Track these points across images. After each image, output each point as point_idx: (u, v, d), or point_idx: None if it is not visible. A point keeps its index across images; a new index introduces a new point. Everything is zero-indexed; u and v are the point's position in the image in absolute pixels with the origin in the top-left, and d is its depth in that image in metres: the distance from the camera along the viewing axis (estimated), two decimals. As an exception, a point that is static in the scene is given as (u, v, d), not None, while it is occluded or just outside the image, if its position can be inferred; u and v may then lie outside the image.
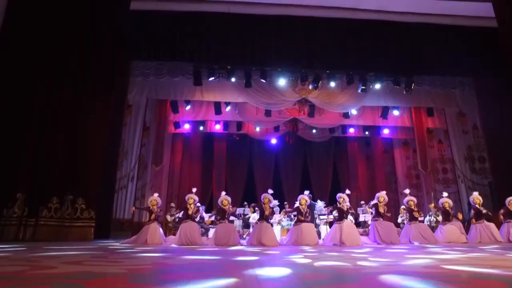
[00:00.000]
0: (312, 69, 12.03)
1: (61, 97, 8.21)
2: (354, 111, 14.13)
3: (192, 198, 8.35)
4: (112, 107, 8.96)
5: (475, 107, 12.90)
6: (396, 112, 14.40)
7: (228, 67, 12.03)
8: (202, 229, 11.05)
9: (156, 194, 9.07)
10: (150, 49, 11.18)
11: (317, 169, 18.67)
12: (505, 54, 10.40)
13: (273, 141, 17.21)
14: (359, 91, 12.32)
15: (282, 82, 12.25)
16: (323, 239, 8.97)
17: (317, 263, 3.66)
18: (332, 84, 12.42)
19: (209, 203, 15.90)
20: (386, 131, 16.12)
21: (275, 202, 12.54)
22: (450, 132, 13.95)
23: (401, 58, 11.90)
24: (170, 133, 15.89)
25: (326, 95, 13.09)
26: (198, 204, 8.97)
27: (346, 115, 14.02)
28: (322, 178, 18.53)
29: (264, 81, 12.13)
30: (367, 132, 16.17)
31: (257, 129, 15.51)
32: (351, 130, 15.93)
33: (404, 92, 12.64)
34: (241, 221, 12.58)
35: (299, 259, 4.22)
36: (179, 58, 11.55)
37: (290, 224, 11.72)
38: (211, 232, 9.63)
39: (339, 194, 8.76)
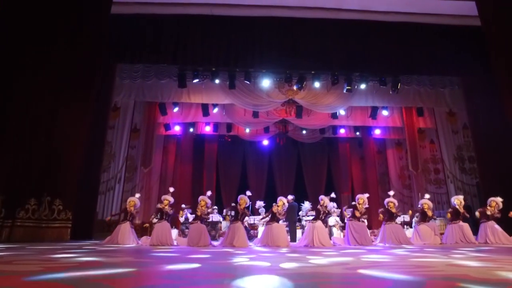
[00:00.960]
0: (296, 70, 12.04)
1: (39, 99, 8.32)
2: (342, 112, 14.08)
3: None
4: (91, 109, 9.04)
5: (464, 106, 12.76)
6: (385, 112, 14.31)
7: (213, 69, 12.09)
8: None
9: (137, 195, 9.16)
10: (134, 52, 11.29)
11: (311, 170, 18.64)
12: (489, 52, 10.33)
13: (265, 142, 17.24)
14: (345, 91, 12.28)
15: (266, 83, 12.28)
16: (299, 240, 8.96)
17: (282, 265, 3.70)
18: (317, 84, 12.40)
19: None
20: (377, 132, 16.04)
21: (261, 203, 12.59)
22: (440, 132, 13.82)
23: (386, 58, 11.85)
24: (162, 135, 16.02)
25: (312, 95, 13.07)
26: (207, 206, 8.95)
27: (334, 116, 13.97)
28: (316, 179, 18.49)
29: (248, 82, 12.15)
30: (358, 133, 16.09)
31: (247, 130, 15.54)
32: (342, 130, 15.88)
33: (391, 92, 12.60)
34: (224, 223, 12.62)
35: (237, 259, 4.25)
36: (163, 60, 11.68)
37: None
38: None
39: (321, 196, 8.75)
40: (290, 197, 10.92)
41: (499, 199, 8.93)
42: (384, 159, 17.31)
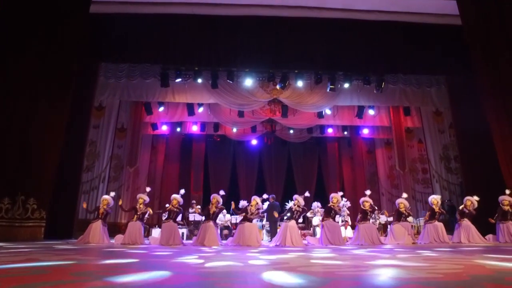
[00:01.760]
0: (279, 69, 12.01)
1: (15, 97, 8.32)
2: (328, 111, 14.03)
3: (176, 199, 8.36)
4: (68, 108, 9.04)
5: (449, 105, 12.70)
6: (371, 112, 14.26)
7: (196, 68, 12.08)
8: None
9: (112, 193, 9.17)
10: (116, 51, 11.29)
11: (301, 170, 18.61)
12: (469, 51, 10.28)
13: (254, 142, 17.22)
14: (328, 90, 12.24)
15: (249, 82, 12.26)
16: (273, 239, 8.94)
17: (208, 264, 3.69)
18: (300, 83, 12.37)
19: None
20: (365, 131, 16.00)
21: (244, 203, 12.57)
22: (426, 131, 13.76)
23: (370, 57, 11.80)
24: (150, 134, 16.04)
25: (297, 95, 13.03)
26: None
27: (320, 115, 13.93)
28: (307, 178, 18.46)
29: (231, 81, 12.13)
30: (345, 132, 16.05)
31: (234, 130, 15.52)
32: (330, 130, 15.83)
33: (375, 91, 12.55)
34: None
35: (191, 259, 4.23)
36: (146, 60, 11.69)
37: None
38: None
39: (295, 196, 8.73)
40: (269, 196, 10.93)
41: (474, 198, 8.88)
42: (374, 159, 17.27)
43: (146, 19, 11.24)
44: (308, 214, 12.26)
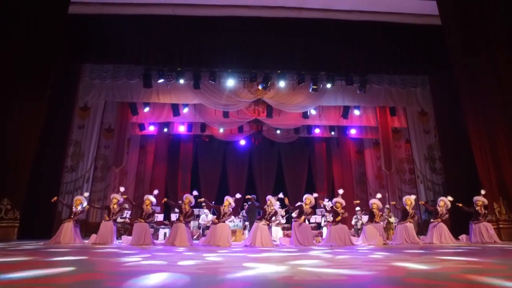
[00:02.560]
0: (261, 70, 12.03)
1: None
2: (313, 111, 14.03)
3: (149, 199, 8.40)
4: (45, 108, 9.12)
5: (432, 105, 12.64)
6: (356, 112, 14.23)
7: (178, 69, 12.13)
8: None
9: (86, 194, 9.23)
10: (98, 52, 11.40)
11: (291, 170, 18.60)
12: (449, 51, 10.24)
13: (242, 142, 17.26)
14: (310, 90, 12.24)
15: (231, 83, 12.30)
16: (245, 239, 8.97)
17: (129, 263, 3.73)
18: (282, 84, 12.40)
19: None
20: (353, 131, 15.97)
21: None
22: (411, 132, 13.69)
23: (352, 57, 11.83)
24: (138, 134, 16.14)
25: (281, 95, 13.04)
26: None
27: (305, 115, 13.92)
28: (297, 178, 18.45)
29: (213, 82, 12.17)
30: (333, 133, 16.04)
31: (221, 130, 15.56)
32: (317, 130, 15.82)
33: (358, 92, 12.53)
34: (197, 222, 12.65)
35: (132, 258, 4.28)
36: (128, 61, 11.79)
37: (237, 226, 11.77)
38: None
39: (268, 197, 8.74)
40: (251, 196, 10.94)
41: (447, 198, 8.86)
42: (363, 159, 17.22)
43: (128, 20, 11.34)
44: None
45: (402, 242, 8.20)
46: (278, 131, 15.92)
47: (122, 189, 8.97)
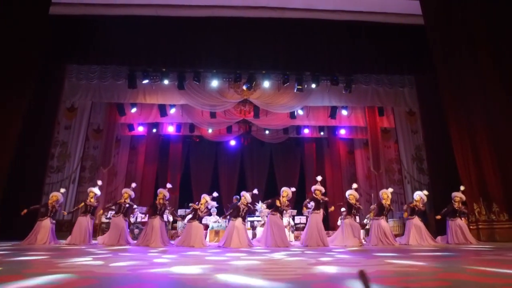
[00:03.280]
0: (246, 70, 12.02)
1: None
2: (300, 112, 13.99)
3: (127, 192, 8.42)
4: (23, 110, 9.16)
5: (418, 105, 12.56)
6: (344, 112, 14.18)
7: (163, 69, 12.15)
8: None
9: (62, 190, 9.23)
10: (83, 53, 11.46)
11: (283, 170, 18.60)
12: (432, 50, 10.19)
13: (232, 142, 17.25)
14: (295, 90, 12.21)
15: (215, 83, 12.30)
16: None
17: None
18: (267, 84, 12.38)
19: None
20: (342, 132, 15.92)
21: (214, 203, 12.56)
22: (399, 132, 13.60)
23: (336, 57, 11.80)
24: (128, 135, 16.20)
25: (268, 95, 13.02)
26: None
27: (292, 116, 13.89)
28: (288, 179, 18.36)
29: (197, 83, 12.17)
30: (322, 133, 15.99)
31: (209, 130, 15.57)
32: (306, 131, 15.78)
33: (343, 92, 12.48)
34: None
35: (85, 260, 4.27)
36: (112, 61, 11.83)
37: (221, 226, 11.74)
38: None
39: (242, 193, 8.66)
40: (234, 197, 10.92)
41: (424, 193, 8.82)
42: (354, 160, 17.14)
43: (112, 21, 11.38)
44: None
45: (377, 242, 8.05)
46: (267, 132, 15.91)
47: (99, 182, 8.99)
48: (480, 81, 9.27)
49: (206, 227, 11.84)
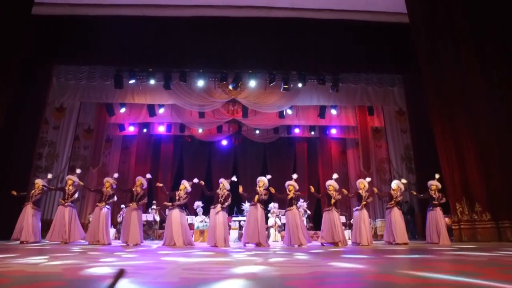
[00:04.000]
0: (232, 70, 12.00)
1: None
2: (289, 111, 13.94)
3: (140, 180, 8.32)
4: (3, 110, 9.16)
5: (405, 104, 12.49)
6: (333, 111, 14.13)
7: (150, 69, 12.15)
8: None
9: (50, 175, 9.41)
10: (69, 53, 11.48)
11: (276, 170, 18.45)
12: (416, 49, 10.12)
13: (224, 142, 17.24)
14: (282, 90, 12.17)
15: (201, 83, 12.30)
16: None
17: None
18: (253, 83, 12.35)
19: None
20: (333, 131, 15.88)
21: (199, 203, 12.55)
22: (388, 131, 13.54)
23: (323, 56, 11.77)
24: (120, 135, 16.23)
25: (255, 95, 13.00)
26: None
27: (281, 115, 13.85)
28: (281, 179, 18.28)
29: (184, 82, 12.17)
30: (313, 133, 15.94)
31: (200, 130, 15.57)
32: (297, 130, 15.74)
33: (330, 91, 12.43)
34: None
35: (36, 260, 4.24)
36: (98, 62, 11.87)
37: (206, 226, 11.72)
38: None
39: (221, 180, 8.51)
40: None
41: (402, 181, 8.84)
42: (346, 159, 17.07)
43: (97, 22, 11.40)
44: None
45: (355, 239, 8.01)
46: (257, 131, 15.87)
47: (78, 170, 9.07)
48: (463, 81, 9.20)
49: (192, 226, 11.84)
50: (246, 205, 12.39)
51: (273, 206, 12.22)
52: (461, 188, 8.76)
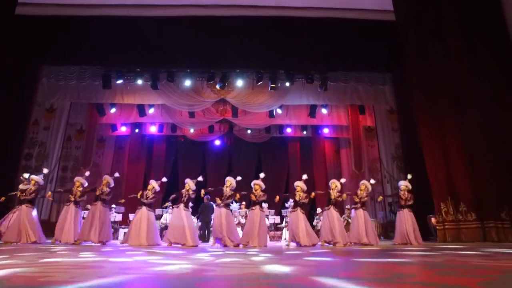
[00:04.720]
0: (219, 69, 11.95)
1: None
2: (279, 111, 13.85)
3: (106, 179, 8.40)
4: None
5: (394, 103, 12.35)
6: (324, 111, 14.00)
7: (138, 69, 12.14)
8: None
9: (45, 170, 9.53)
10: (57, 53, 11.50)
11: (271, 170, 18.37)
12: (403, 47, 10.00)
13: (217, 142, 17.19)
14: (269, 89, 12.08)
15: (188, 83, 12.27)
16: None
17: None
18: (241, 83, 12.29)
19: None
20: (326, 131, 15.74)
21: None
22: (379, 130, 13.40)
23: (311, 55, 11.66)
24: (113, 135, 16.24)
25: (244, 95, 12.93)
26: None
27: (271, 115, 13.76)
28: (276, 178, 18.26)
29: (171, 82, 12.15)
30: (305, 132, 15.82)
31: (191, 130, 15.53)
32: (289, 130, 15.64)
33: (319, 90, 12.32)
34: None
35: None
36: (86, 62, 11.87)
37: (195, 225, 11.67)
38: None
39: (186, 180, 8.47)
40: (204, 197, 10.83)
41: (370, 182, 8.84)
42: (340, 159, 16.93)
43: (85, 22, 11.38)
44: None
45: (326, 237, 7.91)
46: (249, 131, 15.79)
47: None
48: (451, 79, 9.06)
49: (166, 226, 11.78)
50: (234, 205, 12.36)
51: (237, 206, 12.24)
52: (446, 187, 8.62)
